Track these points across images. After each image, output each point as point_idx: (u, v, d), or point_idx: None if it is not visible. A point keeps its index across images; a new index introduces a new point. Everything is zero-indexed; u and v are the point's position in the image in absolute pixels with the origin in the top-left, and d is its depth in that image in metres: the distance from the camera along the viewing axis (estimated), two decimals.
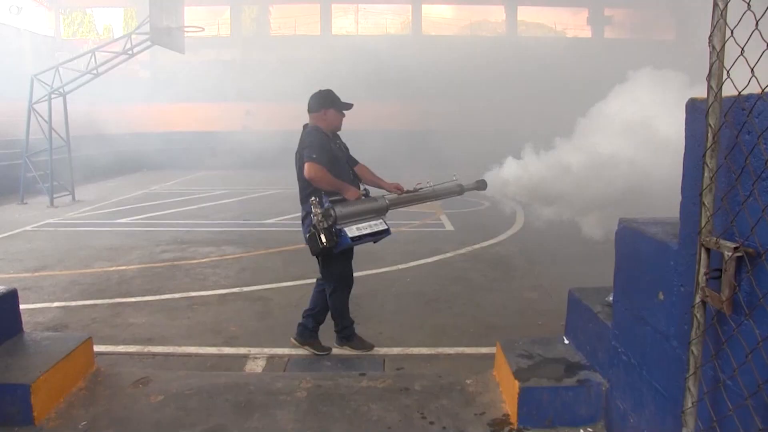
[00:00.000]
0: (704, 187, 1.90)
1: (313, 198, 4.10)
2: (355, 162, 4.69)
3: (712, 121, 1.87)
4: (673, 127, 2.56)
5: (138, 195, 15.12)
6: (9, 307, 3.62)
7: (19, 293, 3.80)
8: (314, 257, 4.47)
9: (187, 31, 15.50)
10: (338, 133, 4.63)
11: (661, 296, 2.37)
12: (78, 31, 32.16)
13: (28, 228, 10.58)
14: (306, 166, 4.16)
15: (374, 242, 4.45)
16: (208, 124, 23.25)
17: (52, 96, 13.57)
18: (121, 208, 12.89)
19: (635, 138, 3.96)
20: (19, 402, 3.08)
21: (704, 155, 1.89)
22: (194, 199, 14.17)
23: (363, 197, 4.36)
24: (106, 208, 12.89)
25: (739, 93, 1.77)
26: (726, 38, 1.81)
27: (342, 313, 4.70)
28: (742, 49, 1.68)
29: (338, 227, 4.09)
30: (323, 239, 4.07)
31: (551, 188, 4.66)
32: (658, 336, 2.40)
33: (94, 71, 13.89)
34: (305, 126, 4.51)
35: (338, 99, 4.52)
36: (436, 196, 4.93)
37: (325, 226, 4.04)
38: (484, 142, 15.59)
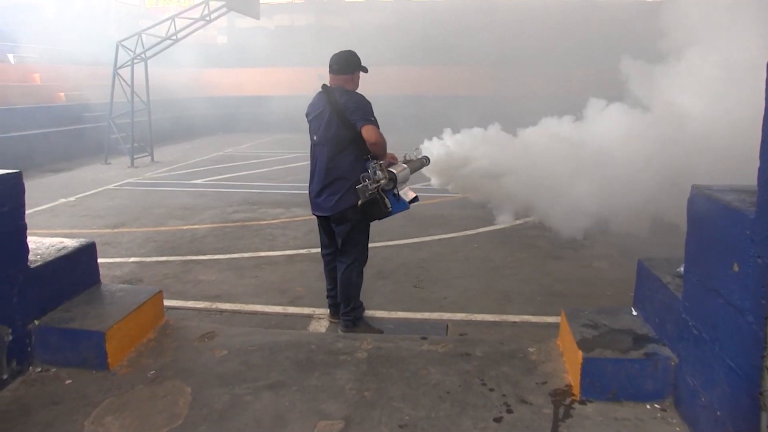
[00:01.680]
0: None
1: (376, 161, 4.02)
2: None
3: None
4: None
5: (212, 157, 15.49)
6: (88, 259, 3.77)
7: (99, 248, 3.95)
8: (326, 229, 4.36)
9: None
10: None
11: (735, 268, 2.23)
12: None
13: (110, 186, 11.04)
14: (368, 129, 3.96)
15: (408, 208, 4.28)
16: (282, 88, 23.47)
17: (135, 61, 14.02)
18: (196, 169, 13.25)
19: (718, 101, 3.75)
20: (95, 347, 3.22)
21: None
22: (266, 162, 14.41)
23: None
24: (181, 169, 13.29)
25: None
26: None
27: (357, 291, 4.41)
28: None
29: (396, 191, 4.06)
30: (388, 204, 4.01)
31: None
32: (732, 310, 2.27)
33: (174, 37, 14.24)
34: (329, 87, 4.17)
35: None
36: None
37: (389, 188, 4.00)
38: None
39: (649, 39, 6.04)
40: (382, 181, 3.91)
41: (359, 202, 4.00)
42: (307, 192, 4.35)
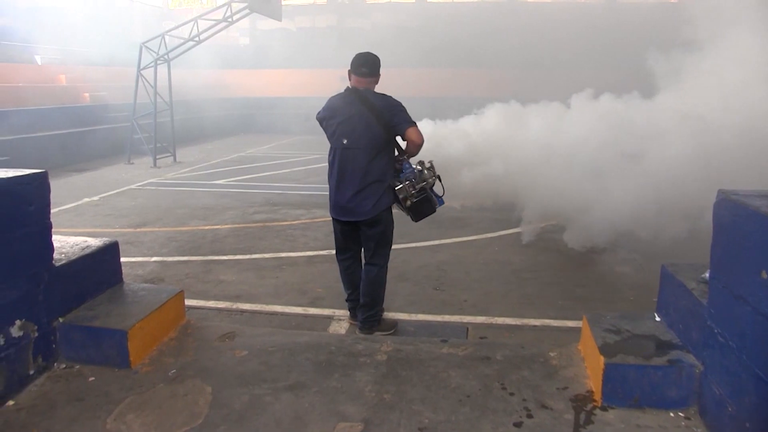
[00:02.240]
0: None
1: (424, 161, 4.11)
2: None
3: None
4: None
5: (234, 158, 15.59)
6: (111, 258, 3.80)
7: (122, 247, 3.99)
8: (349, 234, 4.37)
9: None
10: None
11: (764, 275, 2.19)
12: (184, 1, 33.26)
13: (133, 186, 11.17)
14: (414, 131, 4.01)
15: None
16: (304, 90, 23.55)
17: (158, 62, 14.16)
18: (217, 170, 13.35)
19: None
20: (118, 346, 3.24)
21: None
22: (287, 163, 14.47)
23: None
24: (203, 170, 13.40)
25: None
26: None
27: (383, 293, 4.43)
28: None
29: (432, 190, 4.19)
30: (435, 201, 4.13)
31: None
32: (760, 318, 2.22)
33: (196, 38, 14.34)
34: (358, 90, 4.12)
35: None
36: None
37: (431, 186, 4.11)
38: None
39: (673, 39, 6.00)
40: (431, 180, 4.02)
41: (408, 203, 4.07)
42: (330, 197, 4.29)
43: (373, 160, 4.07)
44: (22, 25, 17.93)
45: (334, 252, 4.55)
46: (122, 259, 3.99)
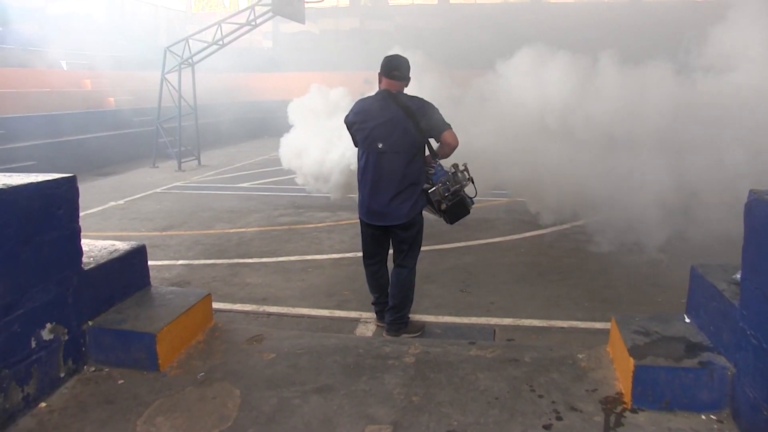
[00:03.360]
0: None
1: (458, 163, 4.12)
2: None
3: None
4: None
5: (258, 161, 15.64)
6: (138, 261, 3.83)
7: (149, 250, 4.02)
8: (378, 238, 4.35)
9: (308, 1, 15.75)
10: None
11: None
12: (207, 5, 33.58)
13: (158, 190, 11.28)
14: (450, 134, 4.00)
15: None
16: None
17: (182, 66, 14.28)
18: (242, 172, 13.43)
19: None
20: (146, 349, 3.27)
21: None
22: None
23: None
24: (228, 173, 13.49)
25: None
26: None
27: (412, 295, 4.41)
28: None
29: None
30: (469, 203, 4.16)
31: None
32: None
33: (220, 42, 14.43)
34: (393, 93, 4.07)
35: None
36: None
37: (463, 188, 4.14)
38: None
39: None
40: (464, 183, 4.03)
41: (443, 206, 4.10)
42: (363, 202, 4.24)
43: (409, 164, 4.04)
44: (49, 32, 18.21)
45: (359, 254, 4.55)
46: (149, 263, 4.03)
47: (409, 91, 4.21)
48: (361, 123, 4.14)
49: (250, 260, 6.40)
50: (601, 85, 6.53)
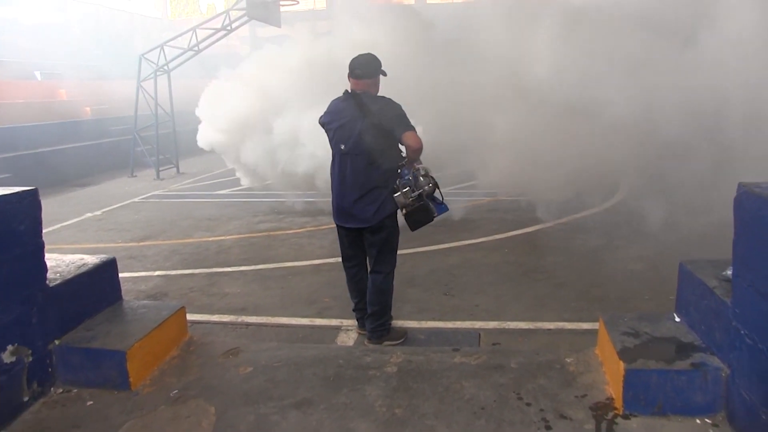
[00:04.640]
0: None
1: (416, 168, 3.96)
2: None
3: None
4: None
5: None
6: (109, 275, 3.69)
7: (125, 262, 3.90)
8: (353, 241, 4.25)
9: (283, 5, 15.61)
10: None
11: None
12: (183, 11, 33.38)
13: (136, 199, 11.08)
14: (411, 136, 3.85)
15: None
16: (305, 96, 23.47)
17: (158, 73, 14.09)
18: (222, 179, 13.22)
19: None
20: (117, 367, 3.13)
21: None
22: None
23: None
24: (207, 180, 13.31)
25: None
26: None
27: (392, 299, 4.30)
28: None
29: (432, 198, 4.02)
30: (433, 209, 3.99)
31: None
32: None
33: (196, 48, 14.25)
34: (356, 93, 3.97)
35: None
36: None
37: (431, 193, 3.95)
38: None
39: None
40: (427, 188, 3.87)
41: (404, 211, 3.95)
42: (333, 203, 4.19)
43: (371, 166, 3.94)
44: (22, 42, 17.96)
45: (340, 260, 4.43)
46: (125, 275, 3.90)
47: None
48: (328, 124, 4.10)
49: (229, 269, 6.25)
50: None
